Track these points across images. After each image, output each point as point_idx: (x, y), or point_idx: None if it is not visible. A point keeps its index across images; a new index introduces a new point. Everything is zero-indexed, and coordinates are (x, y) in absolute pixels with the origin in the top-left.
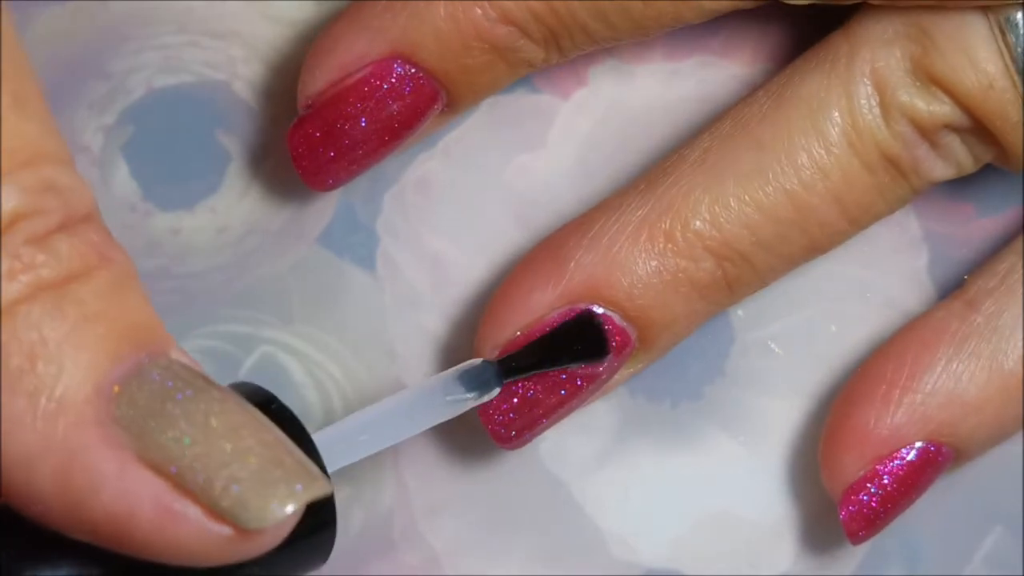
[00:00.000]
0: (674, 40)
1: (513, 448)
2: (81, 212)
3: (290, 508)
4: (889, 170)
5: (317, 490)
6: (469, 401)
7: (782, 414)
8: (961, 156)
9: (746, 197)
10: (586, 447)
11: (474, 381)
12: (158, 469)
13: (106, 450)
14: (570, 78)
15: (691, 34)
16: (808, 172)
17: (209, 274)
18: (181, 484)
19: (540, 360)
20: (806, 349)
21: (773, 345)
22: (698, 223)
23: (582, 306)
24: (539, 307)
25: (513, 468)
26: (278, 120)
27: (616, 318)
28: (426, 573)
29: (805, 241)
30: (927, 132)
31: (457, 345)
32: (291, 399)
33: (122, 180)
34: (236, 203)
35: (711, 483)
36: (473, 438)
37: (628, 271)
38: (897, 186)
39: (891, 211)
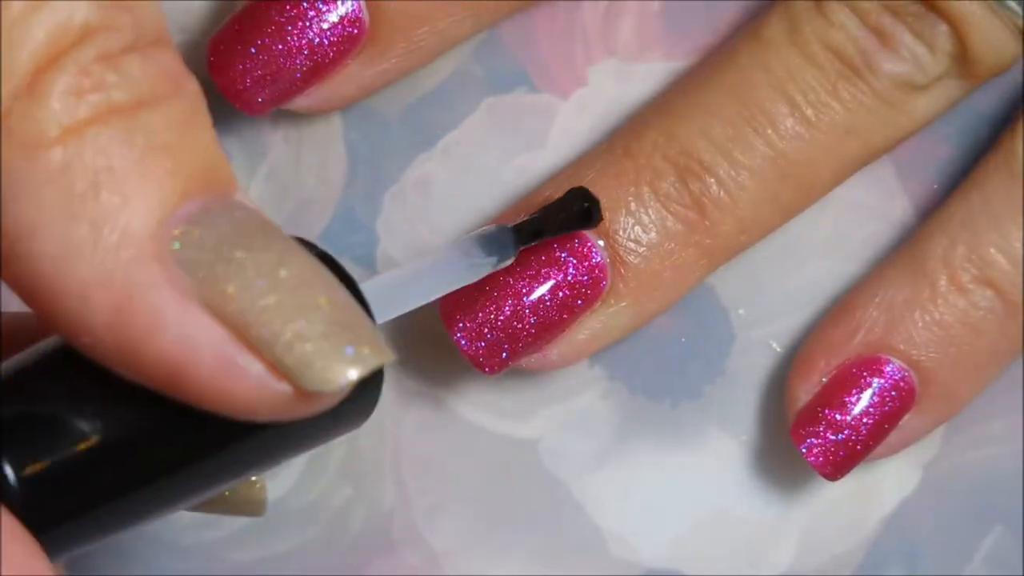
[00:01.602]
0: (674, 39)
1: (493, 372)
2: (154, 34)
3: (355, 374)
4: (834, 63)
5: (382, 357)
6: (487, 266)
7: (783, 413)
8: (915, 48)
9: (693, 104)
10: (586, 447)
11: (493, 246)
12: (222, 317)
13: (168, 291)
14: (570, 78)
15: (691, 33)
16: (747, 66)
17: None
18: (245, 335)
19: (547, 226)
20: None
21: (774, 344)
22: (652, 134)
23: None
24: None
25: (513, 468)
26: (278, 120)
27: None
28: (426, 573)
29: (762, 144)
30: (869, 21)
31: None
32: None
33: None
34: None
35: (711, 483)
36: (473, 438)
37: (583, 180)
38: (852, 86)
39: (857, 123)
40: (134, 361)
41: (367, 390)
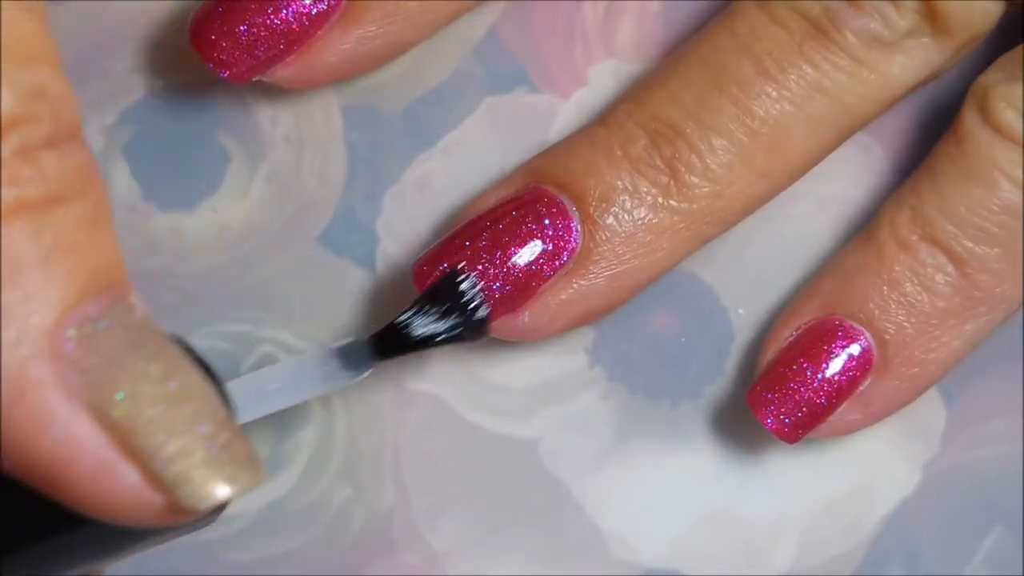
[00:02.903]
0: (674, 39)
1: None
2: (70, 128)
3: (228, 493)
4: (800, 22)
5: (256, 480)
6: (344, 379)
7: None
8: (879, 3)
9: (665, 75)
10: (586, 447)
11: (350, 360)
12: (107, 423)
13: (59, 392)
14: (570, 78)
15: (691, 33)
16: (715, 34)
17: (210, 274)
18: (127, 443)
19: (414, 341)
20: None
21: None
22: (625, 104)
23: (447, 270)
24: (491, 201)
25: (513, 468)
26: (278, 120)
27: (552, 191)
28: (426, 573)
29: (728, 104)
30: None
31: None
32: None
33: (122, 180)
34: (236, 203)
35: (711, 483)
36: (473, 438)
37: (559, 149)
38: (820, 44)
39: (825, 82)
40: (14, 457)
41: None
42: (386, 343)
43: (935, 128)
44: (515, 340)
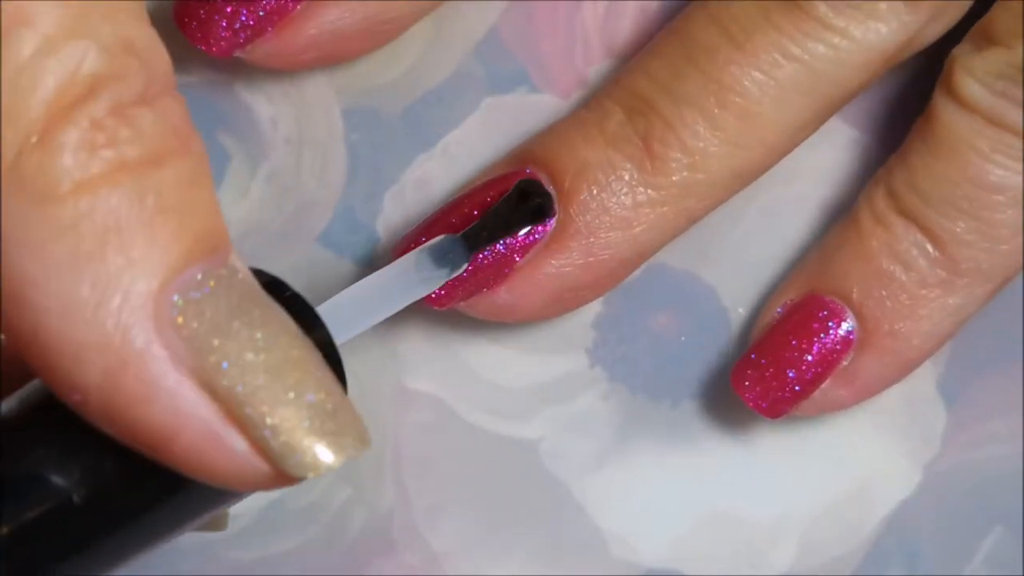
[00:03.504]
0: None
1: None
2: (162, 83)
3: (335, 462)
4: None
5: (362, 446)
6: (440, 278)
7: None
8: None
9: (642, 54)
10: (586, 447)
11: (444, 257)
12: (213, 391)
13: (163, 360)
14: (570, 78)
15: None
16: (690, 10)
17: None
18: (234, 412)
19: (497, 229)
20: None
21: None
22: (606, 85)
23: (519, 171)
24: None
25: (513, 468)
26: (279, 121)
27: (530, 169)
28: (426, 573)
29: (697, 74)
30: None
31: (457, 342)
32: None
33: None
34: (236, 203)
35: (711, 483)
36: (473, 439)
37: (544, 132)
38: (789, 12)
39: (794, 49)
40: (120, 425)
41: None
42: (477, 235)
43: None
44: (495, 319)
